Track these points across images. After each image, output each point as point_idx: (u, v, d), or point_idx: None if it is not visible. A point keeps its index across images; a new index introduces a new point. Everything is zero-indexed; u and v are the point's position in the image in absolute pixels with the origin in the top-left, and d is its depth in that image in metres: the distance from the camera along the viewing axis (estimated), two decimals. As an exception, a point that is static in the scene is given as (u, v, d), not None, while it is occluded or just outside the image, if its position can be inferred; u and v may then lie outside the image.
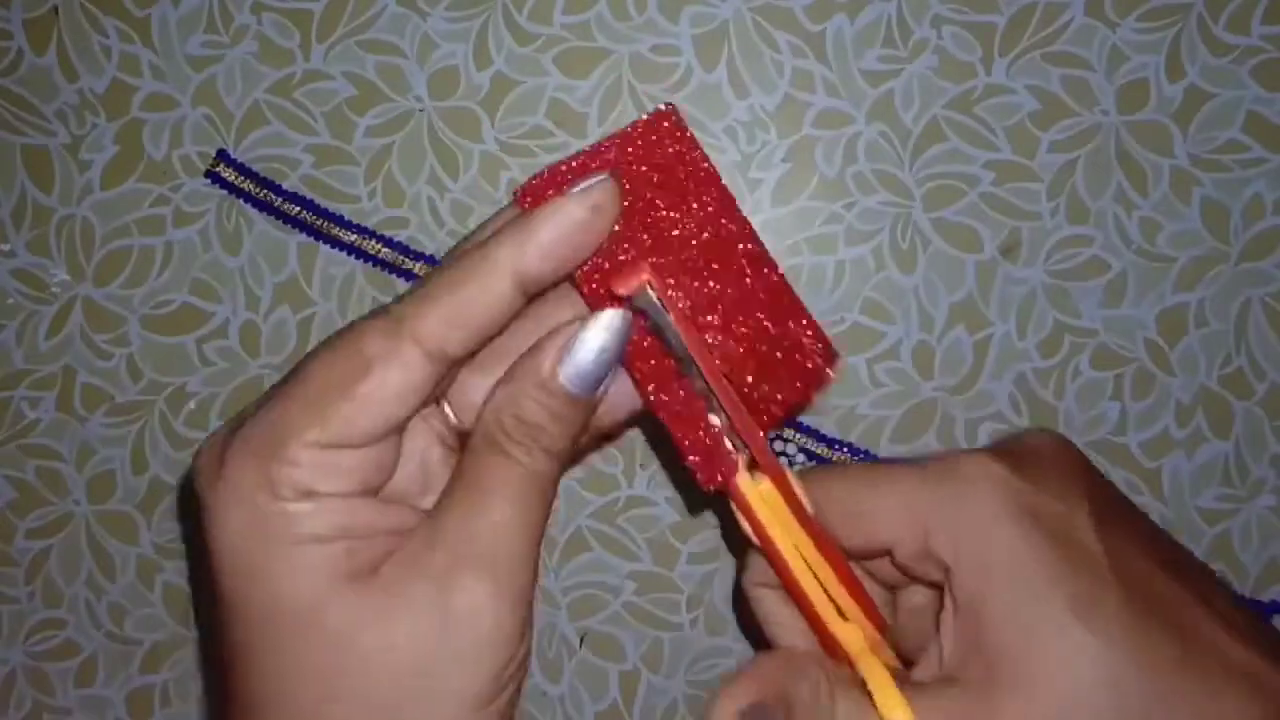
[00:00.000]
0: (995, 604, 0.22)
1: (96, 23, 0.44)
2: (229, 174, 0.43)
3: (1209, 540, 0.43)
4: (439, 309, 0.23)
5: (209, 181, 0.44)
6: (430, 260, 0.43)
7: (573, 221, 0.24)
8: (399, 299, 0.25)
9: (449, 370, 0.24)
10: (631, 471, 0.44)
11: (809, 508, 0.26)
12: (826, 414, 0.43)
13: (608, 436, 0.29)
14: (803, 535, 0.26)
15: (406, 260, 0.43)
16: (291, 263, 0.44)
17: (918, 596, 0.27)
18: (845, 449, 0.43)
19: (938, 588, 0.25)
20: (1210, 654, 0.22)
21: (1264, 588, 0.43)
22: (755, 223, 0.43)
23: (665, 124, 0.25)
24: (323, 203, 0.43)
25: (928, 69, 0.43)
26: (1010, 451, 0.25)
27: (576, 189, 0.24)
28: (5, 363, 0.45)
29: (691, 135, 0.25)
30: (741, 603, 0.29)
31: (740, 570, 0.29)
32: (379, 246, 0.43)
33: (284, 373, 0.44)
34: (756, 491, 0.26)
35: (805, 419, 0.43)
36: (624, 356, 0.25)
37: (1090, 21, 0.42)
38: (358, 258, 0.43)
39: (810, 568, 0.26)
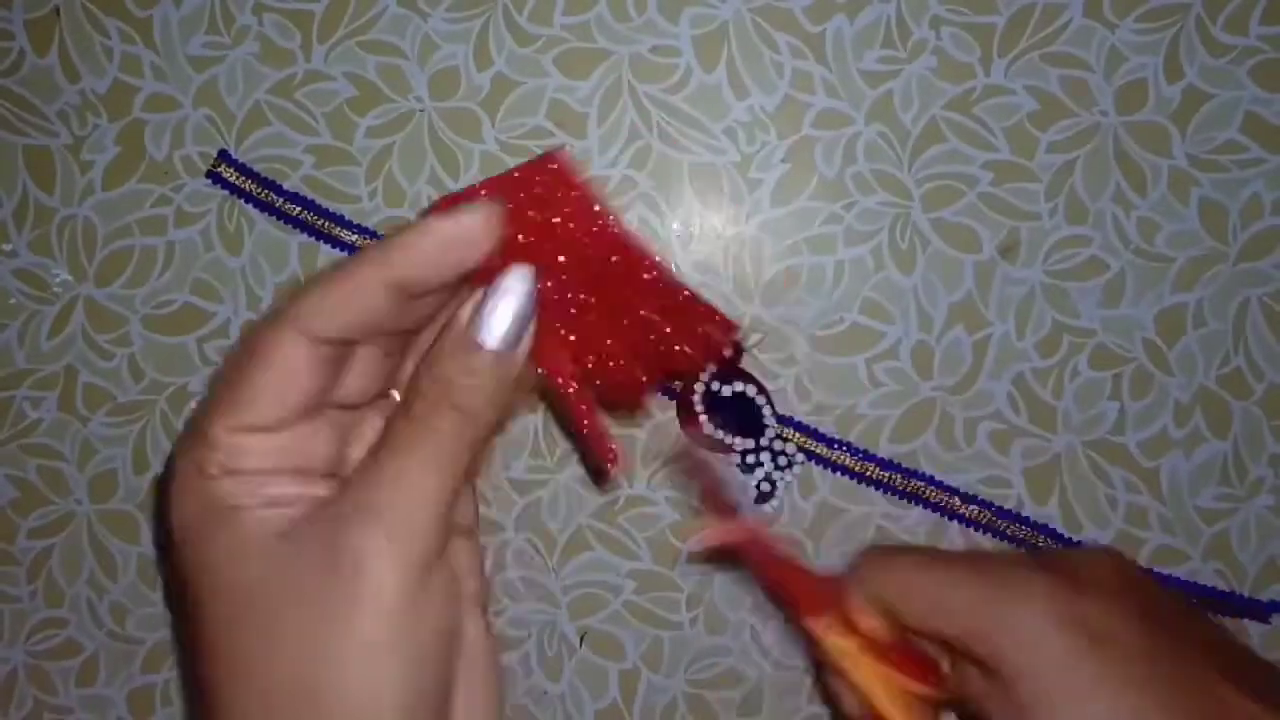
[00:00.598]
0: (1044, 706, 0.25)
1: (98, 23, 0.44)
2: (230, 174, 0.43)
3: (1207, 539, 0.43)
4: (317, 301, 0.25)
5: (210, 182, 0.44)
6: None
7: (444, 236, 0.25)
8: (288, 298, 0.27)
9: (341, 353, 0.26)
10: (632, 471, 0.44)
11: (887, 634, 0.28)
12: (826, 413, 0.43)
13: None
14: (878, 665, 0.28)
15: None
16: (293, 263, 0.44)
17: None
18: (845, 448, 0.43)
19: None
20: (1230, 712, 0.25)
21: (1262, 587, 0.43)
22: (755, 223, 0.43)
23: (552, 166, 0.26)
24: (324, 203, 0.44)
25: (927, 70, 0.43)
26: (1069, 567, 0.27)
27: (460, 211, 0.26)
28: (7, 362, 0.45)
29: (577, 180, 0.26)
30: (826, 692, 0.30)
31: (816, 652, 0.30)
32: None
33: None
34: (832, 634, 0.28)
35: (805, 419, 0.43)
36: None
37: (1089, 22, 0.42)
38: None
39: (896, 689, 0.28)
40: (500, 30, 0.43)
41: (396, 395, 0.29)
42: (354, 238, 0.43)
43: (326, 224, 0.43)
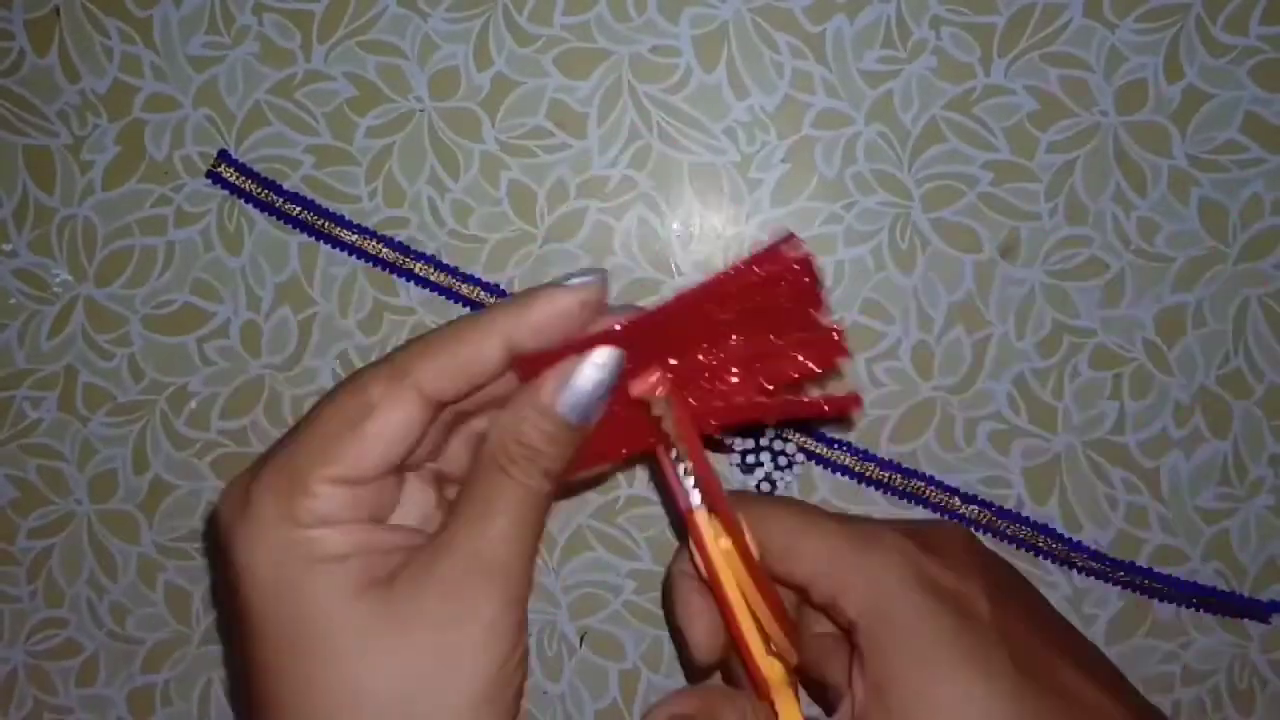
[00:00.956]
0: (897, 658, 0.26)
1: (98, 23, 0.44)
2: (230, 174, 0.43)
3: (1207, 539, 0.43)
4: (436, 361, 0.26)
5: (210, 182, 0.44)
6: (431, 261, 0.43)
7: (562, 307, 0.27)
8: (400, 349, 0.27)
9: (437, 414, 0.27)
10: (632, 471, 0.44)
11: (755, 554, 0.29)
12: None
13: (599, 477, 0.32)
14: (745, 573, 0.28)
15: (407, 260, 0.43)
16: (293, 263, 0.44)
17: (821, 624, 0.31)
18: (844, 448, 0.43)
19: (842, 629, 0.29)
20: (1074, 700, 0.26)
21: (1262, 587, 0.43)
22: (755, 223, 0.43)
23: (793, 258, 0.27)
24: (324, 203, 0.44)
25: (927, 70, 0.43)
26: (922, 533, 0.29)
27: (574, 282, 0.27)
28: (7, 362, 0.45)
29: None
30: (666, 590, 0.31)
31: (673, 560, 0.32)
32: (380, 246, 0.43)
33: (285, 372, 0.44)
34: (711, 529, 0.29)
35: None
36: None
37: (1089, 22, 0.42)
38: (358, 258, 0.43)
39: (747, 602, 0.28)
40: (500, 30, 0.43)
41: (439, 468, 0.30)
42: (354, 238, 0.43)
43: (326, 224, 0.43)
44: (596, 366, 0.27)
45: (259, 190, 0.43)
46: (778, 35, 0.43)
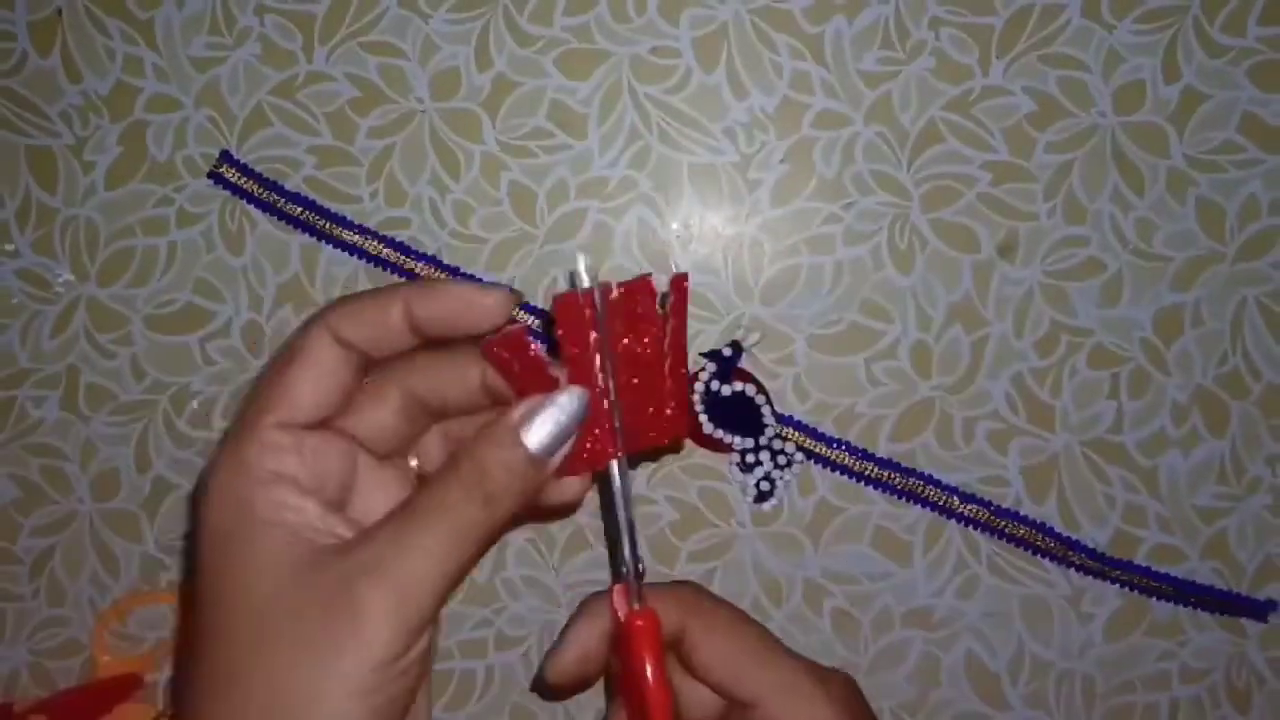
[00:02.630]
0: None
1: (100, 24, 0.44)
2: (232, 175, 0.44)
3: (1205, 539, 0.43)
4: (347, 309, 0.29)
5: (212, 183, 0.44)
6: (432, 261, 0.43)
7: (459, 297, 0.29)
8: (326, 308, 0.29)
9: (361, 363, 0.29)
10: (631, 471, 0.44)
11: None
12: (825, 413, 0.43)
13: (555, 513, 0.33)
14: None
15: (408, 260, 0.43)
16: (294, 263, 0.44)
17: None
18: (844, 447, 0.43)
19: None
20: None
21: (1260, 586, 0.43)
22: (754, 224, 0.43)
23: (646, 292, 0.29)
24: (325, 204, 0.44)
25: (925, 70, 0.43)
26: (851, 681, 0.32)
27: (485, 287, 0.29)
28: (10, 362, 0.45)
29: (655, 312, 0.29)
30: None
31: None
32: (381, 247, 0.43)
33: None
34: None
35: (804, 418, 0.43)
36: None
37: (1087, 23, 0.43)
38: (360, 258, 0.44)
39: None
40: (501, 31, 0.44)
41: (414, 461, 0.32)
42: (356, 238, 0.43)
43: (328, 224, 0.43)
44: (563, 402, 0.28)
45: (260, 191, 0.43)
46: (777, 36, 0.43)
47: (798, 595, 0.44)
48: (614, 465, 0.29)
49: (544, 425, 0.28)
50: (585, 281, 0.28)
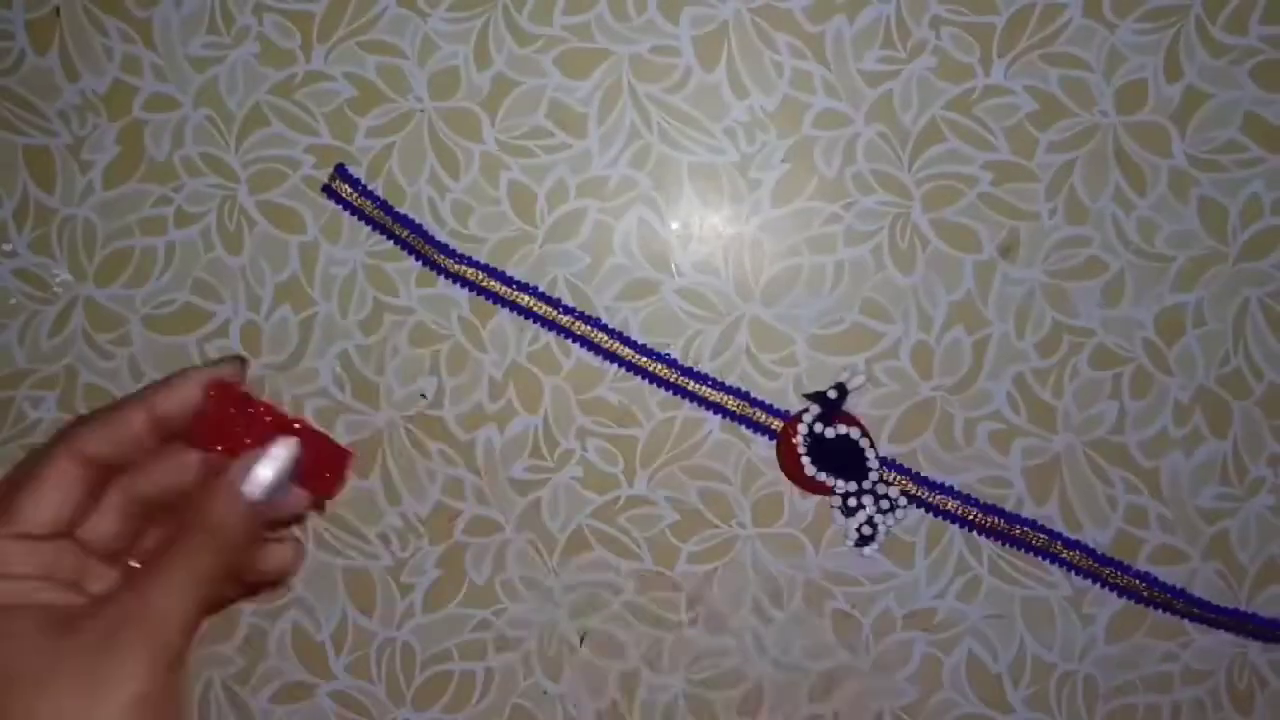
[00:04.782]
0: None
1: (98, 23, 0.44)
2: (345, 190, 0.43)
3: (1207, 539, 0.43)
4: (93, 428, 0.32)
5: (325, 195, 0.44)
6: (540, 295, 0.43)
7: (194, 392, 0.33)
8: (69, 423, 0.32)
9: (103, 476, 0.32)
10: (631, 471, 0.44)
11: None
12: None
13: (272, 582, 0.37)
14: None
15: (511, 291, 0.43)
16: (293, 262, 0.44)
17: None
18: (948, 492, 0.43)
19: None
20: None
21: (1262, 587, 0.43)
22: (755, 223, 0.43)
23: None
24: (432, 229, 0.44)
25: (926, 70, 0.43)
26: None
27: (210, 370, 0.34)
28: (8, 362, 0.45)
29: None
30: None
31: None
32: (483, 277, 0.43)
33: (285, 371, 0.44)
34: None
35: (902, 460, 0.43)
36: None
37: (1088, 23, 0.43)
38: (463, 286, 0.43)
39: None
40: (500, 30, 0.43)
41: (134, 563, 0.35)
42: (459, 268, 0.43)
43: (433, 251, 0.43)
44: (277, 450, 0.32)
45: (372, 209, 0.43)
46: (777, 35, 0.43)
47: (798, 596, 0.44)
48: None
49: (264, 474, 0.32)
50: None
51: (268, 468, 0.32)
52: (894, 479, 0.43)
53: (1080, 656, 0.44)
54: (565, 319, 0.43)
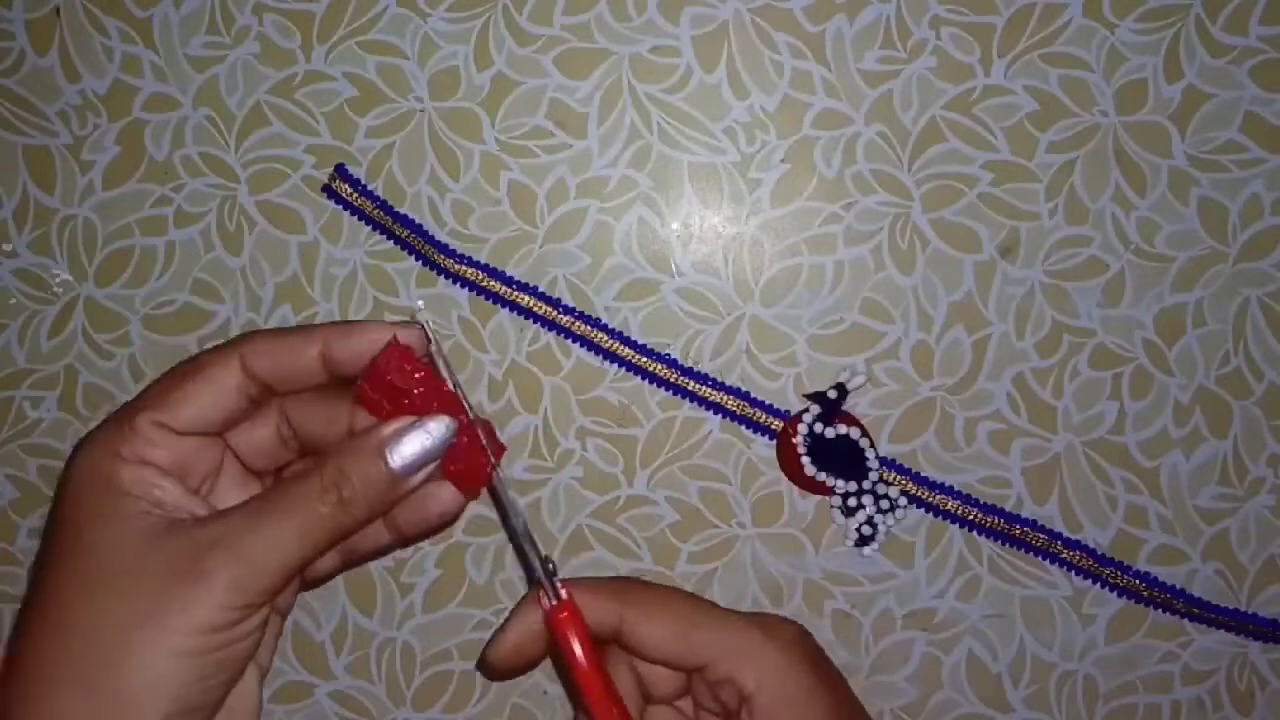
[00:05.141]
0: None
1: (98, 23, 0.44)
2: (345, 190, 0.43)
3: (1207, 539, 0.43)
4: (263, 343, 0.31)
5: (325, 195, 0.44)
6: (537, 293, 0.43)
7: (378, 340, 0.31)
8: (245, 336, 0.32)
9: (259, 396, 0.31)
10: (632, 470, 0.44)
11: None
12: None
13: (433, 529, 0.35)
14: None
15: (511, 291, 0.43)
16: (293, 262, 0.44)
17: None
18: (948, 492, 0.43)
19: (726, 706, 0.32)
20: None
21: (1262, 587, 0.43)
22: (755, 223, 0.43)
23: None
24: (432, 229, 0.44)
25: (926, 70, 0.43)
26: (799, 626, 0.33)
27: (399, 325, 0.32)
28: (7, 362, 0.45)
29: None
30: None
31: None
32: (485, 278, 0.43)
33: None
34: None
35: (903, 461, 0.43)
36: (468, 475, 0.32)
37: (1088, 23, 0.43)
38: (463, 286, 0.43)
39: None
40: (500, 30, 0.43)
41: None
42: (459, 268, 0.43)
43: (434, 252, 0.43)
44: (432, 426, 0.30)
45: (372, 209, 0.43)
46: (777, 35, 0.43)
47: (798, 596, 0.44)
48: (497, 478, 0.32)
49: (410, 445, 0.30)
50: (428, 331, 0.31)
51: (416, 441, 0.30)
52: (894, 479, 0.43)
53: (1080, 656, 0.44)
54: (565, 319, 0.43)
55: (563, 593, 0.31)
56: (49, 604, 0.29)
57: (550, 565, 0.32)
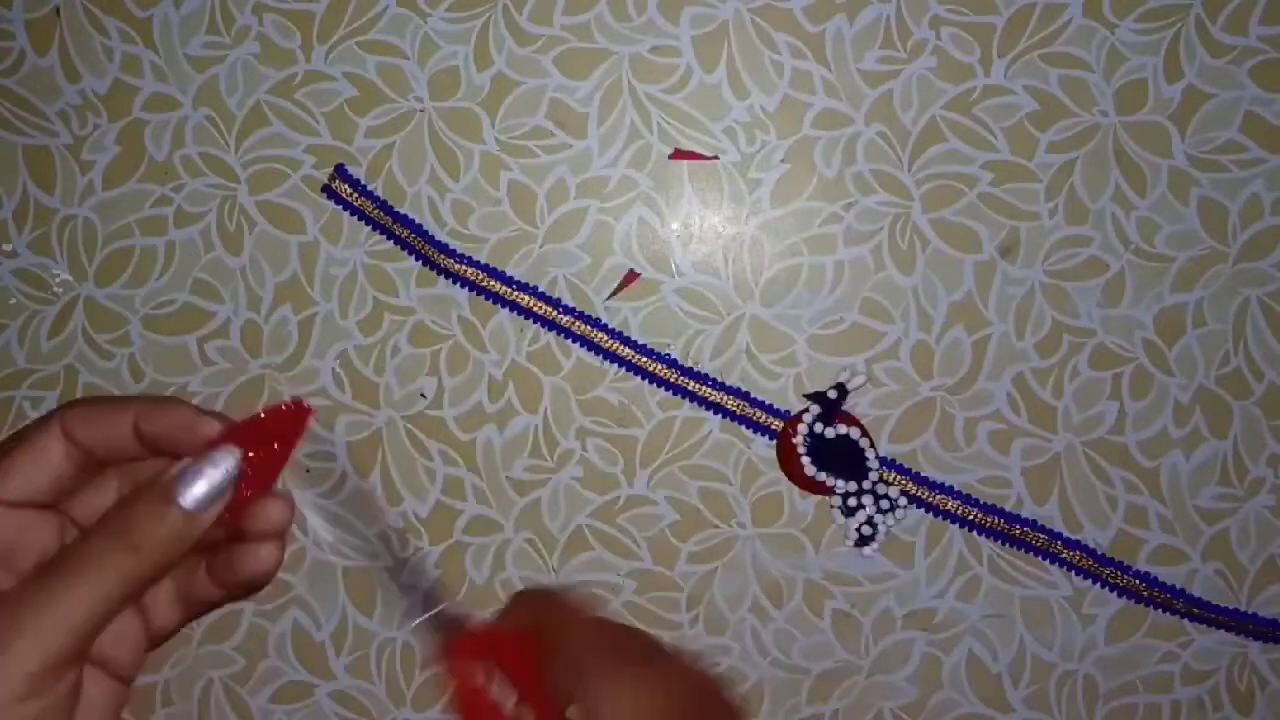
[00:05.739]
0: None
1: (98, 23, 0.44)
2: (345, 190, 0.43)
3: (1207, 539, 0.43)
4: (84, 412, 0.31)
5: (325, 195, 0.44)
6: (534, 291, 0.43)
7: (184, 420, 0.31)
8: (66, 405, 0.32)
9: (88, 464, 0.31)
10: (631, 471, 0.44)
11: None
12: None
13: (251, 586, 0.34)
14: None
15: (511, 290, 0.43)
16: (293, 262, 0.44)
17: None
18: (948, 492, 0.43)
19: None
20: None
21: (1262, 587, 0.43)
22: (754, 223, 0.43)
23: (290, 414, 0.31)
24: (432, 229, 0.44)
25: (926, 70, 0.43)
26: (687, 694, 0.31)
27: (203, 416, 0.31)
28: (8, 362, 0.45)
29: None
30: None
31: None
32: (483, 276, 0.43)
33: (285, 371, 0.44)
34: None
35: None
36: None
37: (1088, 23, 0.43)
38: (463, 286, 0.43)
39: None
40: (500, 30, 0.43)
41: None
42: (459, 267, 0.43)
43: (433, 251, 0.43)
44: (221, 457, 0.30)
45: (372, 209, 0.43)
46: (777, 35, 0.43)
47: (798, 596, 0.44)
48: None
49: (200, 484, 0.30)
50: None
51: (204, 477, 0.30)
52: (894, 479, 0.43)
53: (1080, 656, 0.44)
54: (565, 319, 0.43)
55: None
56: None
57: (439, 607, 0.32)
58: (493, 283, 0.43)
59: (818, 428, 0.42)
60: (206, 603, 0.34)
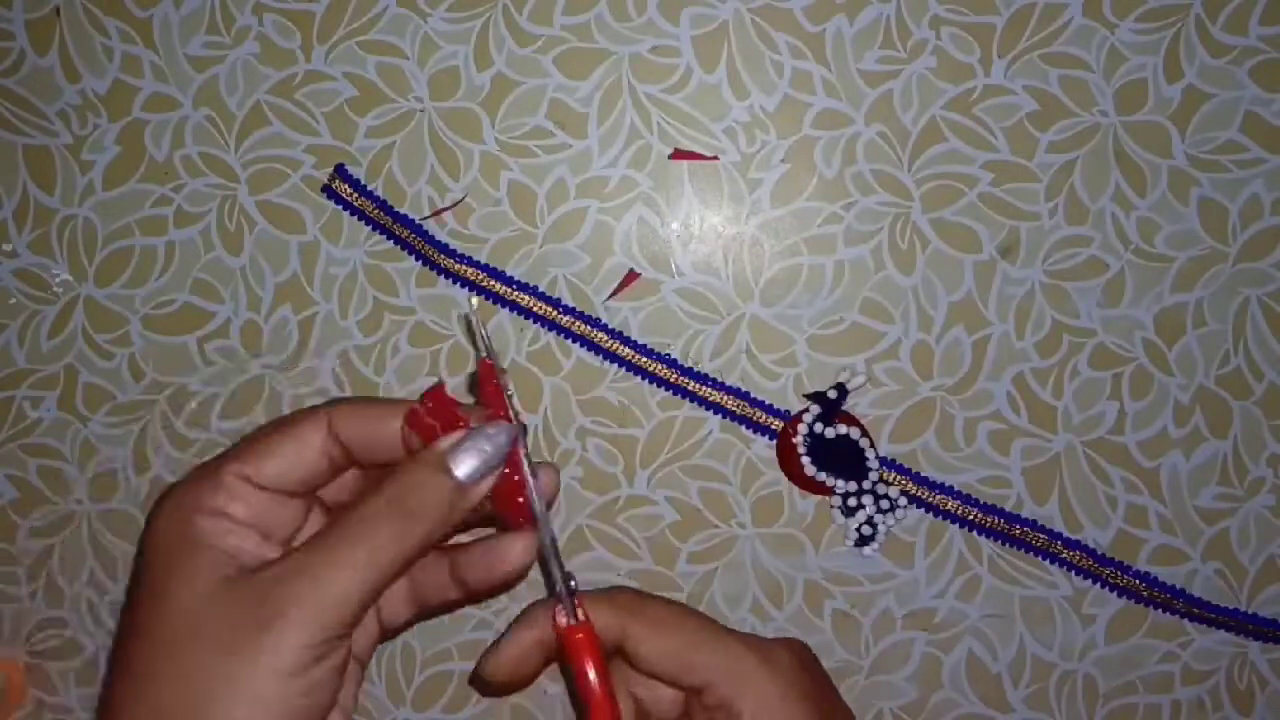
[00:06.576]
0: None
1: (98, 23, 0.44)
2: (345, 190, 0.43)
3: (1207, 540, 0.43)
4: (351, 408, 0.31)
5: (325, 195, 0.44)
6: (535, 292, 0.43)
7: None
8: (334, 401, 0.32)
9: (341, 462, 0.31)
10: (632, 470, 0.44)
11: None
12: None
13: (496, 588, 0.34)
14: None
15: (512, 291, 0.43)
16: (293, 262, 0.44)
17: None
18: (948, 492, 0.43)
19: None
20: None
21: (1262, 587, 0.43)
22: (754, 223, 0.43)
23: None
24: (433, 231, 0.44)
25: (926, 70, 0.43)
26: (799, 649, 0.34)
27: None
28: (7, 362, 0.45)
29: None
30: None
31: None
32: (484, 277, 0.43)
33: (285, 372, 0.44)
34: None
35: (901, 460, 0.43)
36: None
37: (1088, 22, 0.43)
38: (463, 286, 0.43)
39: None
40: (500, 30, 0.43)
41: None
42: (459, 267, 0.43)
43: (433, 251, 0.43)
44: (493, 430, 0.30)
45: (372, 209, 0.43)
46: (777, 35, 0.43)
47: (798, 596, 0.44)
48: (531, 490, 0.31)
49: (469, 453, 0.30)
50: (487, 343, 0.31)
51: (476, 448, 0.29)
52: (894, 479, 0.43)
53: (1080, 656, 0.44)
54: (565, 319, 0.43)
55: (581, 614, 0.31)
56: (133, 657, 0.28)
57: (572, 584, 0.31)
58: (493, 283, 0.43)
59: (818, 428, 0.42)
60: (439, 604, 0.33)
